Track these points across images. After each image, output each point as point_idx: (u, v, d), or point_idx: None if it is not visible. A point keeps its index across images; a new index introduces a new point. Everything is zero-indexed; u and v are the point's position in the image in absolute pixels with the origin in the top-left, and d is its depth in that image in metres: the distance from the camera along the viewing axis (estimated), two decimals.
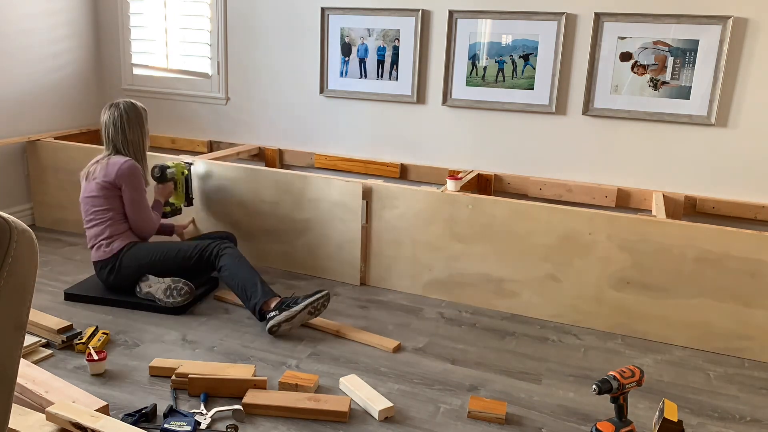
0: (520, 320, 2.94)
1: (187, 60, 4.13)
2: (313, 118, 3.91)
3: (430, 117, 3.64)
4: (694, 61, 3.07)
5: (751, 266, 2.58)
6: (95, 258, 2.90)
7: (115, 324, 2.71)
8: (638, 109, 3.21)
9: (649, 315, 2.77)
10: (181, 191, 3.29)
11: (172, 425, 1.96)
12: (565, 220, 2.81)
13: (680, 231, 2.65)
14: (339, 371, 2.41)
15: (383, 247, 3.17)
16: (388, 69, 3.64)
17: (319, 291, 2.67)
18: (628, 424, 1.98)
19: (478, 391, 2.32)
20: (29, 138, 3.80)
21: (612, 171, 3.35)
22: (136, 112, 2.94)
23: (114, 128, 2.90)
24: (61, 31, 4.03)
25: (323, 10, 3.70)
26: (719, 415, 2.25)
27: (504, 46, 3.38)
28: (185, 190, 3.31)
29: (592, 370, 2.52)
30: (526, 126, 3.46)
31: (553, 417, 2.18)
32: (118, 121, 2.89)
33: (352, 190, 3.13)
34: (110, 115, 2.91)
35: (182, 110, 4.23)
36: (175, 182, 3.26)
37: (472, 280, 3.03)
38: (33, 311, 2.62)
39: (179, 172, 3.26)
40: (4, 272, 0.87)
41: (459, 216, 2.98)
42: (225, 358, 2.48)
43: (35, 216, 3.95)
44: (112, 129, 2.90)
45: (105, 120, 2.92)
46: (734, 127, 3.09)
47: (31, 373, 2.14)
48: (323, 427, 2.06)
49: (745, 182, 3.12)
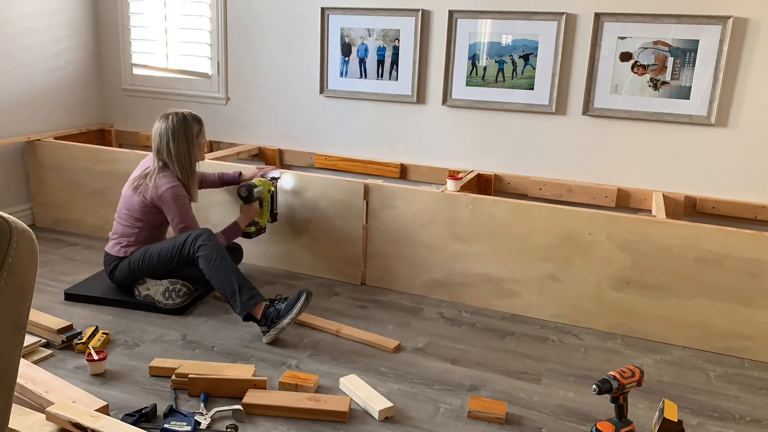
0: (520, 320, 2.94)
1: (187, 60, 4.13)
2: (313, 118, 3.91)
3: (430, 117, 3.64)
4: (694, 61, 3.07)
5: (751, 266, 2.58)
6: (109, 250, 2.91)
7: (115, 324, 2.71)
8: (638, 109, 3.21)
9: (649, 315, 2.77)
10: (266, 209, 3.15)
11: (172, 425, 1.96)
12: (565, 220, 2.81)
13: (680, 231, 2.65)
14: (339, 371, 2.41)
15: (383, 247, 3.17)
16: (388, 69, 3.64)
17: (300, 295, 2.59)
18: (628, 424, 1.98)
19: (478, 391, 2.32)
20: (29, 138, 3.80)
21: (612, 171, 3.35)
22: (185, 125, 2.83)
23: (160, 140, 2.82)
24: (61, 31, 4.03)
25: (323, 10, 3.70)
26: (719, 415, 2.25)
27: (504, 46, 3.38)
28: (270, 208, 3.17)
29: (592, 370, 2.52)
30: (526, 126, 3.46)
31: (553, 417, 2.18)
32: (164, 134, 2.81)
33: (354, 190, 3.13)
34: (158, 126, 2.84)
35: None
36: (261, 201, 3.12)
37: (472, 280, 3.03)
38: (33, 311, 2.62)
39: (266, 191, 3.11)
40: (4, 272, 0.87)
41: (459, 216, 2.98)
42: (225, 358, 2.47)
43: (35, 216, 3.95)
44: (158, 140, 2.83)
45: (154, 130, 2.85)
46: (734, 127, 3.09)
47: (31, 373, 2.14)
48: (323, 427, 2.06)
49: (745, 182, 3.12)
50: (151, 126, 4.37)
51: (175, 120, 2.83)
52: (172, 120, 2.82)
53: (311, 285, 3.21)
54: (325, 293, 3.12)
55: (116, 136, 4.43)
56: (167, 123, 2.82)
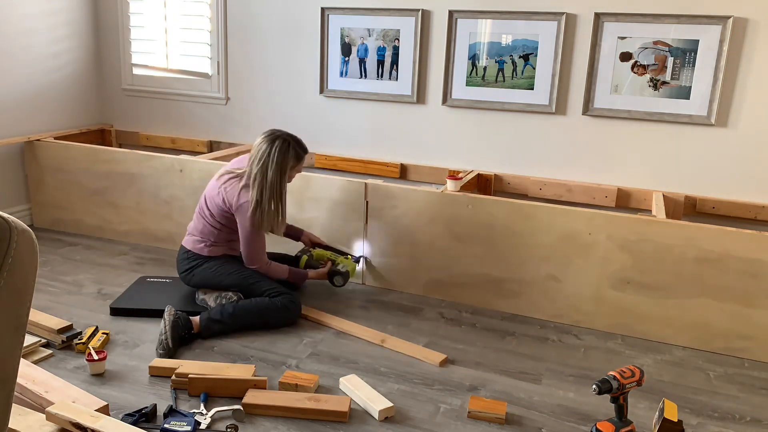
0: (520, 320, 2.94)
1: (187, 60, 4.13)
2: (313, 118, 3.91)
3: (430, 117, 3.63)
4: (694, 61, 3.07)
5: (751, 266, 2.58)
6: (189, 246, 2.84)
7: (115, 324, 2.71)
8: (638, 109, 3.21)
9: (649, 315, 2.77)
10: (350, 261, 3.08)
11: (172, 425, 1.96)
12: (565, 220, 2.81)
13: (680, 231, 2.65)
14: (339, 371, 2.41)
15: (383, 246, 3.16)
16: (388, 69, 3.64)
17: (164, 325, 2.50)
18: (628, 424, 1.98)
19: (478, 391, 2.32)
20: (29, 138, 3.80)
21: (612, 171, 3.35)
22: (285, 155, 2.69)
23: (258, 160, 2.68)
24: (61, 31, 4.03)
25: (323, 10, 3.70)
26: (719, 415, 2.25)
27: (504, 46, 3.38)
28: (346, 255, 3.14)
29: (592, 370, 2.52)
30: (526, 126, 3.46)
31: (553, 417, 2.18)
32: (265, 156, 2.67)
33: (354, 190, 3.13)
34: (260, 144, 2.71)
35: (182, 110, 4.23)
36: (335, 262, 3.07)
37: (472, 280, 3.03)
38: (33, 311, 2.62)
39: (352, 270, 3.04)
40: (4, 272, 0.87)
41: (459, 216, 2.98)
42: (225, 358, 2.47)
43: (33, 216, 3.95)
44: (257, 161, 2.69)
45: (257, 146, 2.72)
46: (734, 127, 3.09)
47: (31, 373, 2.14)
48: (323, 427, 2.06)
49: (745, 182, 3.12)
50: (151, 126, 4.39)
51: (279, 146, 2.69)
52: (278, 145, 2.69)
53: (311, 284, 3.20)
54: (326, 293, 3.12)
55: (116, 136, 4.43)
56: (271, 147, 2.69)
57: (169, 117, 4.29)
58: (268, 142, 2.70)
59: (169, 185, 3.53)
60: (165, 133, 4.33)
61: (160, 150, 4.28)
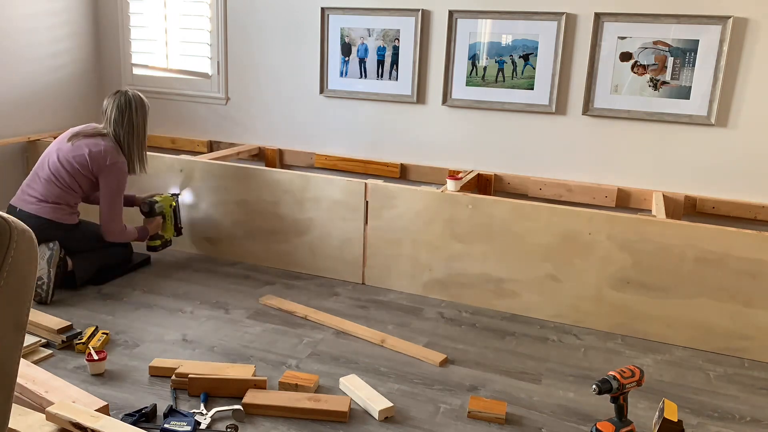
0: (520, 320, 2.94)
1: (187, 60, 4.13)
2: (313, 118, 3.91)
3: (430, 117, 3.64)
4: (694, 61, 3.07)
5: (751, 266, 2.58)
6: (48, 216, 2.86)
7: (115, 324, 2.71)
8: (638, 109, 3.21)
9: (649, 315, 2.77)
10: (170, 223, 3.33)
11: (172, 425, 1.96)
12: (565, 220, 2.81)
13: (680, 231, 2.65)
14: (339, 371, 2.41)
15: (383, 247, 3.17)
16: (388, 69, 3.64)
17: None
18: (628, 424, 1.98)
19: (478, 391, 2.32)
20: (29, 138, 3.80)
21: (612, 171, 3.35)
22: (143, 102, 2.97)
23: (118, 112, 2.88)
24: (61, 31, 4.03)
25: (323, 10, 3.70)
26: (719, 415, 2.25)
27: (504, 46, 3.38)
28: (174, 222, 3.35)
29: (592, 370, 2.52)
30: (526, 126, 3.46)
31: (553, 417, 2.18)
32: (125, 107, 2.89)
33: (354, 190, 3.13)
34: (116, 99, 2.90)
35: (182, 110, 4.23)
36: (164, 215, 3.30)
37: (472, 280, 3.03)
38: (33, 311, 2.62)
39: (167, 206, 3.30)
40: (4, 272, 0.87)
41: (459, 216, 2.98)
42: (225, 358, 2.48)
43: None
44: (116, 112, 2.88)
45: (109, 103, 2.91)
46: (734, 127, 3.09)
47: (31, 373, 2.14)
48: (323, 427, 2.06)
49: (745, 182, 3.12)
50: (151, 126, 4.39)
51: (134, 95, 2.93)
52: (132, 95, 2.92)
53: (311, 285, 3.21)
54: (325, 293, 3.12)
55: None
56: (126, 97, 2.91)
57: (169, 117, 4.29)
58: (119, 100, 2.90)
59: (169, 185, 3.53)
60: (165, 133, 4.33)
61: (160, 150, 4.28)
